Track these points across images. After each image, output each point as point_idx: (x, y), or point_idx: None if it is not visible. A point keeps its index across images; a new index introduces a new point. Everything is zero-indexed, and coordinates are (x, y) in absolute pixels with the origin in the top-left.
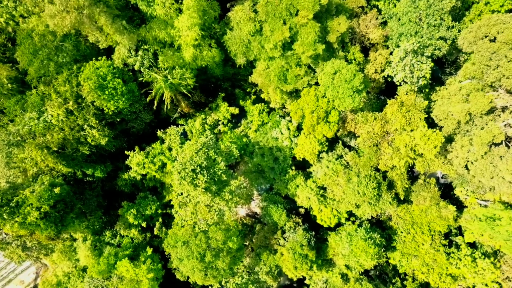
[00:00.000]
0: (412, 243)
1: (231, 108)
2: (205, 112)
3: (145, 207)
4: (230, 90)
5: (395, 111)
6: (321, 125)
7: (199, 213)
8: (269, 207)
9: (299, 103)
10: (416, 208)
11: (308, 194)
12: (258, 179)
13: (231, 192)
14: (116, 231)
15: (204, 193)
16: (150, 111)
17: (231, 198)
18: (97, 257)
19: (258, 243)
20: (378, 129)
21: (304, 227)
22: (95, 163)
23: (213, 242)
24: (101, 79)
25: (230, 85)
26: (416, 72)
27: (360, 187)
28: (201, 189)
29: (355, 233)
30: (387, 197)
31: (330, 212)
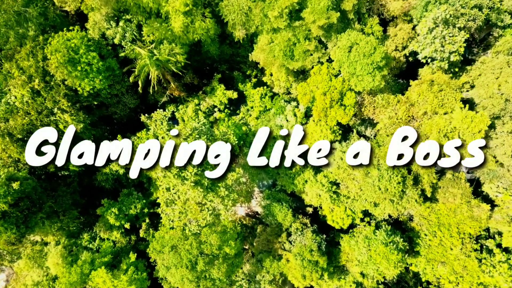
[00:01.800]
0: (439, 247)
1: (229, 92)
2: (198, 96)
3: (129, 206)
4: (228, 73)
5: (424, 91)
6: (334, 109)
7: (189, 212)
8: (272, 206)
9: (308, 84)
10: (443, 207)
11: (318, 190)
12: (260, 174)
13: (227, 187)
14: (96, 233)
15: (194, 188)
16: (134, 94)
17: (227, 194)
18: (68, 265)
19: (260, 247)
20: (403, 113)
21: (313, 229)
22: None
23: (206, 247)
24: (72, 51)
25: (228, 68)
26: (447, 46)
27: (381, 182)
28: (190, 183)
29: (374, 236)
30: (413, 194)
31: (343, 212)
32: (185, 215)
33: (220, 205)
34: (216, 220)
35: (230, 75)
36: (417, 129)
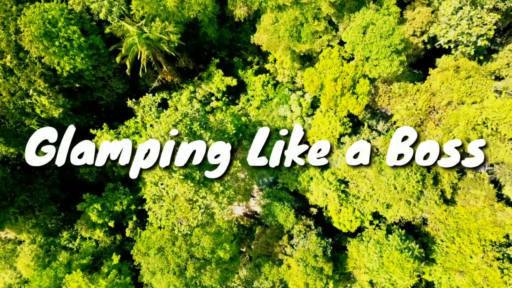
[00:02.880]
0: (458, 255)
1: (227, 78)
2: (194, 82)
3: (114, 202)
4: (227, 60)
5: (448, 78)
6: (345, 98)
7: (177, 210)
8: (273, 206)
9: (316, 69)
10: (462, 211)
11: (325, 189)
12: (260, 170)
13: (222, 182)
14: (77, 231)
15: (183, 182)
16: (123, 78)
17: (222, 190)
18: (41, 268)
19: (258, 251)
20: (423, 103)
21: (317, 232)
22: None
23: (197, 251)
24: (49, 24)
25: (228, 54)
26: (475, 29)
27: (397, 180)
28: (179, 176)
29: (386, 241)
30: (432, 195)
31: (351, 213)
32: (174, 214)
33: (214, 202)
34: (210, 220)
35: (230, 62)
36: (438, 122)
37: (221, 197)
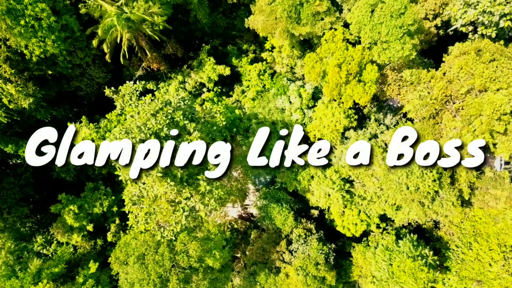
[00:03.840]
0: (475, 262)
1: (220, 67)
2: (183, 72)
3: (93, 203)
4: (221, 49)
5: (469, 62)
6: (351, 86)
7: (158, 213)
8: (270, 207)
9: (318, 54)
10: (480, 213)
11: (328, 189)
12: (256, 168)
13: (210, 181)
14: (52, 236)
15: (162, 180)
16: (103, 66)
17: (210, 190)
18: (5, 278)
19: (253, 257)
20: (439, 91)
21: (319, 236)
22: (19, 137)
23: (182, 259)
24: (13, 0)
25: (221, 43)
26: (497, 7)
27: (410, 179)
28: (157, 173)
29: (396, 247)
30: (449, 195)
31: (356, 216)
32: (154, 217)
33: (199, 204)
34: (197, 224)
35: (223, 51)
36: (456, 113)
37: (208, 198)
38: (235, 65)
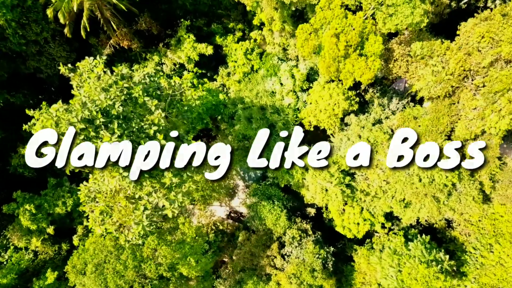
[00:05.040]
0: (497, 267)
1: (201, 45)
2: (159, 51)
3: (55, 202)
4: (205, 30)
5: (493, 27)
6: (351, 60)
7: (115, 212)
8: (260, 206)
9: (312, 24)
10: (501, 210)
11: (325, 183)
12: (243, 160)
13: (177, 172)
14: (9, 240)
15: (113, 170)
16: (66, 43)
17: (178, 184)
18: None
19: (241, 263)
20: (456, 65)
21: (316, 238)
22: None
23: (149, 268)
24: None
25: (206, 23)
26: None
27: (423, 170)
28: None
29: (406, 250)
30: (470, 189)
31: (358, 214)
32: (110, 217)
33: (163, 200)
34: (172, 224)
35: (208, 32)
36: (476, 90)
37: (175, 192)
38: (220, 44)
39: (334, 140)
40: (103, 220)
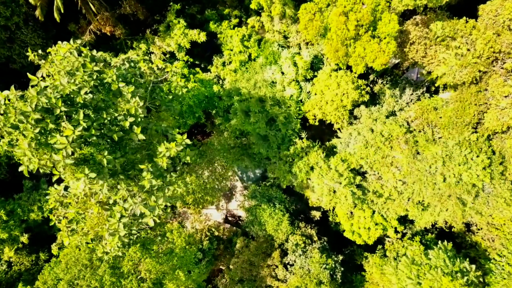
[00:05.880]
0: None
1: (193, 32)
2: (147, 39)
3: (30, 207)
4: (199, 18)
5: None
6: (362, 43)
7: (87, 220)
8: (260, 209)
9: (316, 3)
10: None
11: (333, 183)
12: (241, 159)
13: (157, 171)
14: None
15: (77, 171)
16: (40, 30)
17: (159, 187)
18: None
19: (239, 273)
20: (484, 46)
21: (321, 245)
22: None
23: (130, 285)
24: None
25: (199, 11)
26: None
27: (448, 167)
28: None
29: (426, 259)
30: (501, 190)
31: (369, 218)
32: (82, 226)
33: (140, 207)
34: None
35: (202, 19)
36: (507, 76)
37: (156, 197)
38: (214, 32)
39: (341, 136)
40: (73, 230)
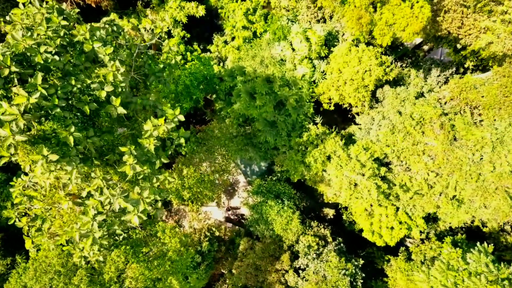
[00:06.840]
0: None
1: (190, 4)
2: (138, 12)
3: (1, 204)
4: None
5: None
6: (391, 7)
7: (57, 217)
8: (266, 206)
9: None
10: None
11: (354, 175)
12: (244, 150)
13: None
14: None
15: (33, 153)
16: None
17: (146, 176)
18: None
19: (243, 279)
20: None
21: (338, 246)
22: None
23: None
24: None
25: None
26: None
27: (499, 154)
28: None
29: (464, 264)
30: None
31: (393, 216)
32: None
33: (119, 199)
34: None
35: None
36: None
37: (140, 189)
38: (214, 6)
39: (361, 121)
40: (38, 230)
